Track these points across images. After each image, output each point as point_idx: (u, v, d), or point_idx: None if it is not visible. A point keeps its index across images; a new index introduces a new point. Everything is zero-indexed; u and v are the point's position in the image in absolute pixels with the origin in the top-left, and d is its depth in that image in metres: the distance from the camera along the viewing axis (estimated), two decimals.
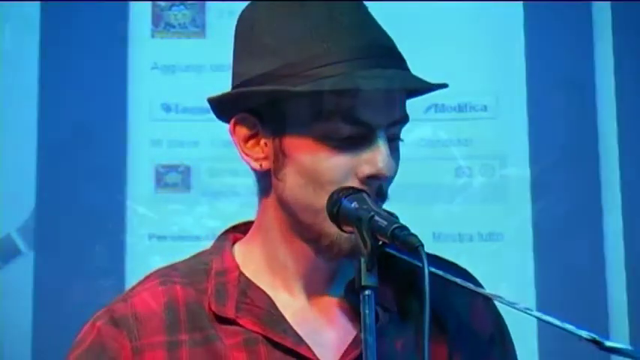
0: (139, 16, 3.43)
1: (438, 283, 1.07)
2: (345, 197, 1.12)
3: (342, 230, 1.13)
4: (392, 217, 1.09)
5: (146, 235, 3.14)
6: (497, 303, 1.25)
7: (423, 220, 3.12)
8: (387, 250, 1.09)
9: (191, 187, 3.29)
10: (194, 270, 1.28)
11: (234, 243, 1.32)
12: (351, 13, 1.17)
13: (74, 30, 3.35)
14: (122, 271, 3.09)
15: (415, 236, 1.05)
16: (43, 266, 3.21)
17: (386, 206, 1.18)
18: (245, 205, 1.52)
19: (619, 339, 2.99)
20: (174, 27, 3.41)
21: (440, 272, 1.10)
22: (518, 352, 1.35)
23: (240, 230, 1.34)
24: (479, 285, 1.24)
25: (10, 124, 3.20)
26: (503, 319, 1.32)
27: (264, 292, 1.20)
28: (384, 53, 1.15)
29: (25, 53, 3.29)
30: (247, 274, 1.22)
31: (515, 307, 1.04)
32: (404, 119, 1.20)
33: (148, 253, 3.08)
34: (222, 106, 1.25)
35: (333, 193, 1.13)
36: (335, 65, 1.11)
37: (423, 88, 1.19)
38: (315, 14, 1.15)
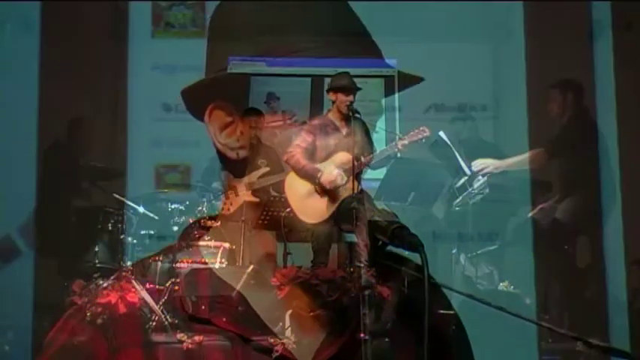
0: (139, 16, 3.43)
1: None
2: (345, 197, 1.12)
3: (342, 229, 1.13)
4: (392, 217, 1.09)
5: (146, 235, 3.13)
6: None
7: (423, 220, 3.14)
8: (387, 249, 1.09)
9: (191, 187, 3.29)
10: (167, 268, 1.28)
11: (199, 239, 1.31)
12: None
13: (74, 30, 3.35)
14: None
15: (415, 236, 1.05)
16: (43, 266, 3.21)
17: (386, 206, 1.18)
18: None
19: (619, 339, 2.99)
20: (174, 27, 3.41)
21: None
22: (518, 352, 1.35)
23: (203, 227, 1.34)
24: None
25: (10, 123, 3.21)
26: (459, 318, 1.32)
27: (237, 291, 1.20)
28: (361, 42, 1.16)
29: (25, 53, 3.29)
30: (218, 272, 1.22)
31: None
32: None
33: (148, 252, 3.08)
34: (197, 95, 1.25)
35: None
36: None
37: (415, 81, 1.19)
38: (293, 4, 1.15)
